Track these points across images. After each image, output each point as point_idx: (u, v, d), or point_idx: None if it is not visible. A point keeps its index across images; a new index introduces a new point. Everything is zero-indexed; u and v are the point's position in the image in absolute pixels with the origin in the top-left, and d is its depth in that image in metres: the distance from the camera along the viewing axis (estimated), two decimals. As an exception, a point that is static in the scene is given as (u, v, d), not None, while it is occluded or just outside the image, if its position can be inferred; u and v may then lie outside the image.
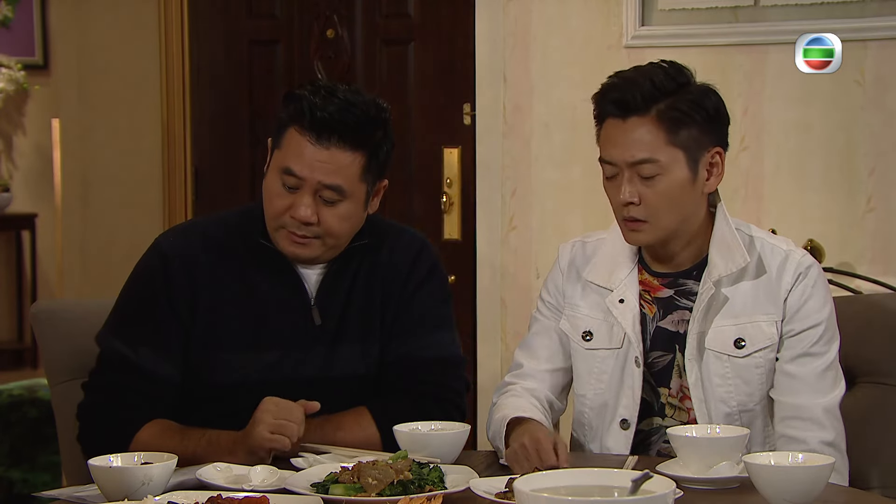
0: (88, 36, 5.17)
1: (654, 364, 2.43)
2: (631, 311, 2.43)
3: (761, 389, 2.41)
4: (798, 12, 3.87)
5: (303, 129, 2.37)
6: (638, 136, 2.35)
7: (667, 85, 2.34)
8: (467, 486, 2.03)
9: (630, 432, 2.43)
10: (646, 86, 2.34)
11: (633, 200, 2.36)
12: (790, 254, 2.43)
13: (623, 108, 2.35)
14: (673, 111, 2.34)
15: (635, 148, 2.35)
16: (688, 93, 2.36)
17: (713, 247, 2.42)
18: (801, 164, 3.93)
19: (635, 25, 4.09)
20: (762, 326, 2.40)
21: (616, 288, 2.45)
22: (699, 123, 2.36)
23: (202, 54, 5.05)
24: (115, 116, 5.15)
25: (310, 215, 2.38)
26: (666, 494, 1.60)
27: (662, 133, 2.34)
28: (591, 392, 2.47)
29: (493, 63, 4.34)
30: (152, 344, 2.42)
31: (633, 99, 2.34)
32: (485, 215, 4.40)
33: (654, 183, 2.35)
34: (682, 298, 2.44)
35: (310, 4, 4.83)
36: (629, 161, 2.35)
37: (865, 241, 3.79)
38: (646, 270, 2.47)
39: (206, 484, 2.08)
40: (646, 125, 2.34)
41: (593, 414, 2.47)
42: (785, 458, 2.02)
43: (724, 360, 2.40)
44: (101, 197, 5.18)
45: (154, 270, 2.46)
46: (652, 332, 2.44)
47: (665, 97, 2.34)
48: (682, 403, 2.43)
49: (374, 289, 2.50)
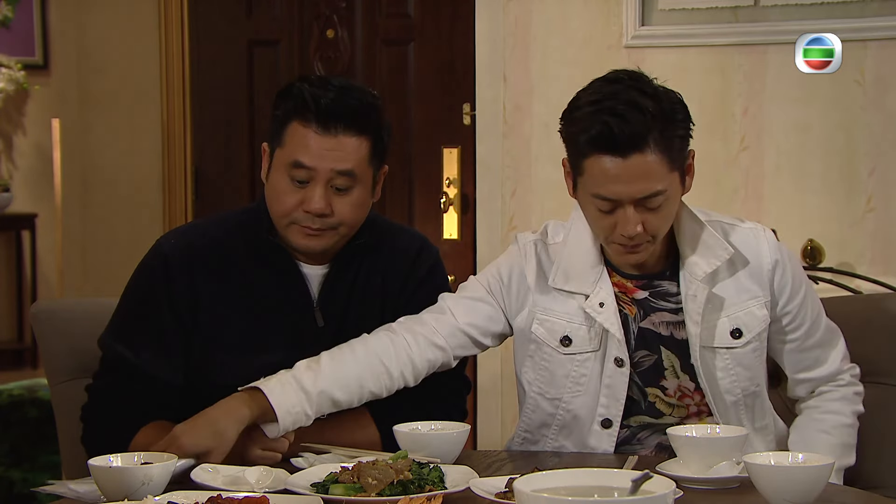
0: (88, 36, 5.17)
1: (639, 364, 2.42)
2: (614, 314, 2.40)
3: (760, 370, 2.44)
4: (798, 12, 3.87)
5: (307, 121, 2.37)
6: (644, 171, 2.25)
7: (652, 109, 2.24)
8: (467, 486, 2.03)
9: (613, 430, 2.41)
10: (638, 119, 2.23)
11: (640, 231, 2.30)
12: (754, 232, 2.45)
13: (621, 146, 2.23)
14: (669, 139, 2.26)
15: (644, 183, 2.26)
16: (671, 113, 2.28)
17: (686, 245, 2.41)
18: (801, 164, 3.93)
19: (635, 25, 4.09)
20: (754, 311, 2.41)
21: (592, 293, 2.41)
22: (689, 137, 2.33)
23: (202, 54, 5.06)
24: (115, 116, 5.16)
25: (324, 206, 2.38)
26: (666, 494, 1.60)
27: (665, 162, 2.26)
28: (567, 395, 2.44)
29: (493, 63, 4.34)
30: (154, 347, 2.42)
31: (632, 135, 2.23)
32: (484, 215, 4.40)
33: (659, 210, 2.30)
34: (658, 300, 2.42)
35: (310, 5, 4.84)
36: (636, 197, 2.27)
37: (865, 241, 3.79)
38: (616, 272, 2.44)
39: (203, 486, 2.08)
40: (648, 158, 2.25)
41: (569, 416, 2.45)
42: (785, 458, 2.02)
43: (724, 353, 2.40)
44: (101, 197, 5.18)
45: (155, 272, 2.46)
46: (635, 331, 2.43)
47: (657, 125, 2.24)
48: (681, 401, 2.43)
49: (375, 288, 2.50)
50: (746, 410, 2.42)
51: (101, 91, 5.17)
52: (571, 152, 2.33)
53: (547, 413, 2.47)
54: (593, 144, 2.26)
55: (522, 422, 2.52)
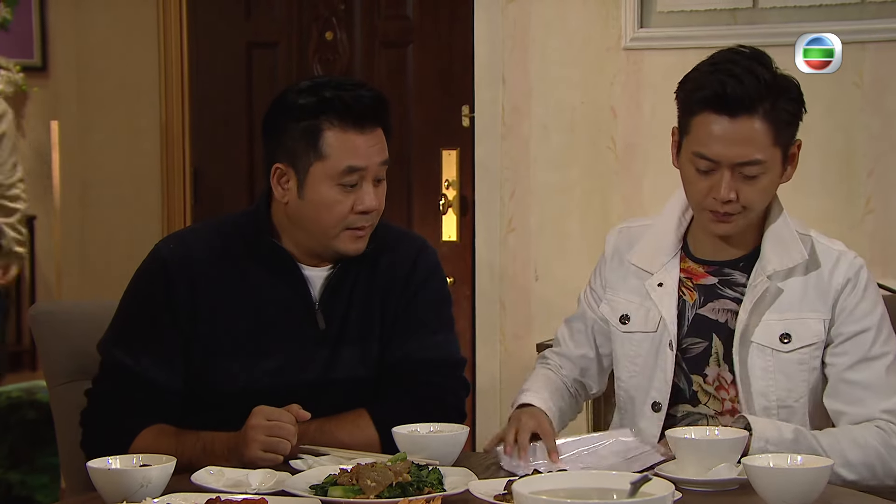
0: (87, 38, 5.17)
1: (688, 350, 2.44)
2: (669, 295, 2.45)
3: (801, 386, 2.40)
4: (796, 14, 3.87)
5: (345, 126, 2.37)
6: (748, 136, 2.30)
7: (768, 79, 2.30)
8: (466, 488, 2.03)
9: (661, 415, 2.44)
10: (753, 84, 2.29)
11: (733, 198, 2.34)
12: (842, 255, 2.44)
13: (731, 105, 2.29)
14: (779, 111, 2.31)
15: (746, 148, 2.31)
16: (786, 90, 2.33)
17: (767, 241, 2.43)
18: (800, 165, 3.90)
19: (634, 27, 4.09)
20: (809, 323, 2.40)
21: (656, 272, 2.48)
22: (797, 123, 2.37)
23: (201, 56, 5.06)
24: (114, 118, 5.16)
25: (376, 203, 2.42)
26: (665, 497, 1.60)
27: (770, 134, 2.31)
28: (625, 374, 2.51)
29: (491, 65, 4.34)
30: (153, 353, 2.42)
31: (744, 97, 2.28)
32: (483, 217, 4.40)
33: (755, 181, 2.34)
34: (725, 288, 2.45)
35: (309, 7, 4.84)
36: (736, 161, 2.31)
37: (864, 243, 3.79)
38: (689, 258, 2.49)
39: (203, 487, 2.08)
40: (755, 125, 2.30)
41: (627, 397, 2.51)
42: (784, 461, 2.02)
43: (768, 353, 2.40)
44: (100, 198, 5.18)
45: (154, 278, 2.45)
46: (690, 318, 2.45)
47: (770, 95, 2.30)
48: (717, 393, 2.44)
49: (375, 290, 2.50)
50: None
51: (100, 93, 5.17)
52: (682, 112, 2.39)
53: (616, 395, 2.55)
54: (705, 102, 2.31)
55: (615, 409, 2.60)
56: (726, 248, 2.46)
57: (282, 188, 2.42)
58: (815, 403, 2.43)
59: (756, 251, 2.44)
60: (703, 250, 2.49)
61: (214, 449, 2.30)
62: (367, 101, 2.40)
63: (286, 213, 2.44)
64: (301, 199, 2.41)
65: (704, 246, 2.49)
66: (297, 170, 2.40)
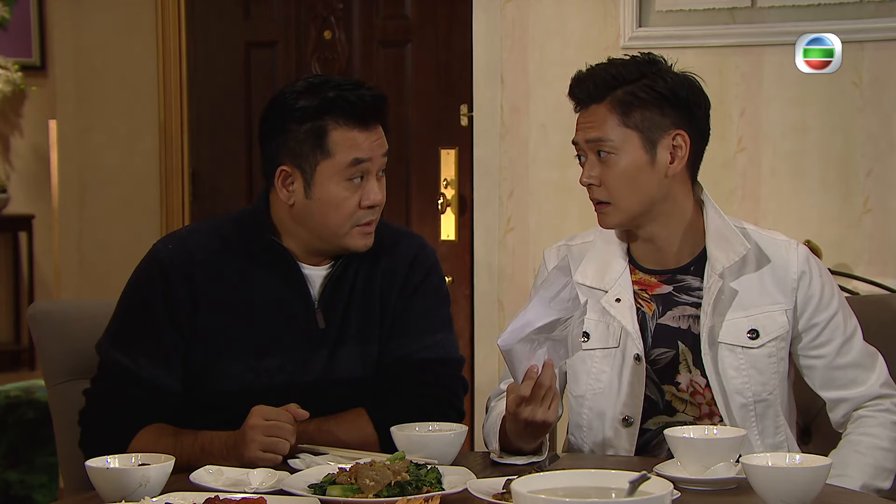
0: (86, 37, 5.16)
1: (656, 361, 2.45)
2: (629, 309, 2.45)
3: (774, 379, 2.44)
4: (795, 13, 3.87)
5: (350, 125, 2.39)
6: (593, 118, 2.45)
7: (626, 74, 2.44)
8: (465, 487, 2.03)
9: (634, 430, 2.44)
10: (602, 76, 2.45)
11: (592, 181, 2.45)
12: (787, 244, 2.49)
13: (583, 97, 2.47)
14: (627, 96, 2.43)
15: (590, 128, 2.44)
16: (650, 80, 2.43)
17: (710, 240, 2.46)
18: (799, 165, 3.93)
19: (633, 27, 4.09)
20: (774, 316, 2.44)
21: (610, 288, 2.48)
22: (656, 106, 2.42)
23: (199, 56, 5.05)
24: (113, 117, 5.15)
25: (381, 197, 2.44)
26: (663, 496, 1.60)
27: (615, 115, 2.43)
28: (589, 392, 2.48)
29: (490, 64, 4.34)
30: (151, 354, 2.42)
31: (591, 88, 2.45)
32: (482, 217, 4.40)
33: (610, 163, 2.43)
34: (681, 294, 2.47)
35: (307, 6, 4.83)
36: (585, 139, 2.45)
37: (863, 243, 3.80)
38: (639, 269, 2.50)
39: (202, 487, 2.08)
40: (601, 109, 2.44)
41: (592, 414, 2.48)
42: (782, 460, 2.02)
43: (738, 351, 2.42)
44: (99, 198, 5.18)
45: (152, 279, 2.45)
46: (653, 329, 2.46)
47: (623, 85, 2.43)
48: (693, 398, 2.44)
49: (373, 290, 2.50)
50: (758, 420, 2.42)
51: (99, 92, 5.16)
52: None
53: (576, 413, 2.51)
54: (572, 99, 2.51)
55: (569, 427, 2.56)
56: (672, 254, 2.49)
57: (287, 190, 2.42)
58: (785, 393, 2.47)
59: (703, 253, 2.47)
60: (650, 260, 2.50)
61: (213, 448, 2.30)
62: (369, 100, 2.41)
63: (290, 214, 2.44)
64: (309, 199, 2.41)
65: (650, 255, 2.50)
66: (303, 170, 2.41)
